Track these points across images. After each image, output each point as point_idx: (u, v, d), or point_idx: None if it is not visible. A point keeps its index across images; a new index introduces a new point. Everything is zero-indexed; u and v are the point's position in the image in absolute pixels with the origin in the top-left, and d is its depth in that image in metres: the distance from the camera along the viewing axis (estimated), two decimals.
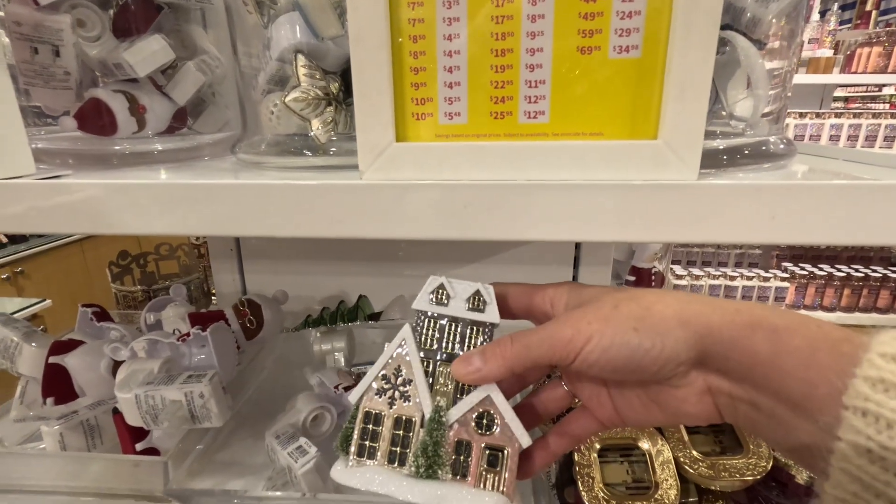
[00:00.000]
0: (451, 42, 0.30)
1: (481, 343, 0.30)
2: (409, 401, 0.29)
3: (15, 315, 1.70)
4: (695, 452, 0.40)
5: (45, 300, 1.88)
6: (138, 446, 0.44)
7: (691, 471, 0.39)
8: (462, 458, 0.28)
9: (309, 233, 0.32)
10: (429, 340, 0.30)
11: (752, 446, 0.40)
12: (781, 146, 0.37)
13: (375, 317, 0.58)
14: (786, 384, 0.22)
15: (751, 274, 2.34)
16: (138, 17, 0.48)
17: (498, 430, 0.28)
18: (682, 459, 0.39)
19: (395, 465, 0.28)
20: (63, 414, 0.46)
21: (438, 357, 0.30)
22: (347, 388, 0.48)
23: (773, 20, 0.38)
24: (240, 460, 0.50)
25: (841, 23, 2.61)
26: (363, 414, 0.29)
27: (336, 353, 0.56)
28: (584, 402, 0.30)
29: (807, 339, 0.22)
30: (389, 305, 0.59)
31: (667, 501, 0.37)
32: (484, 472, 0.28)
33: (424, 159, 0.31)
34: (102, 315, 0.59)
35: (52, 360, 0.47)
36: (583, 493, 0.37)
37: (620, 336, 0.25)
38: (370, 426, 0.29)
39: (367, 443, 0.29)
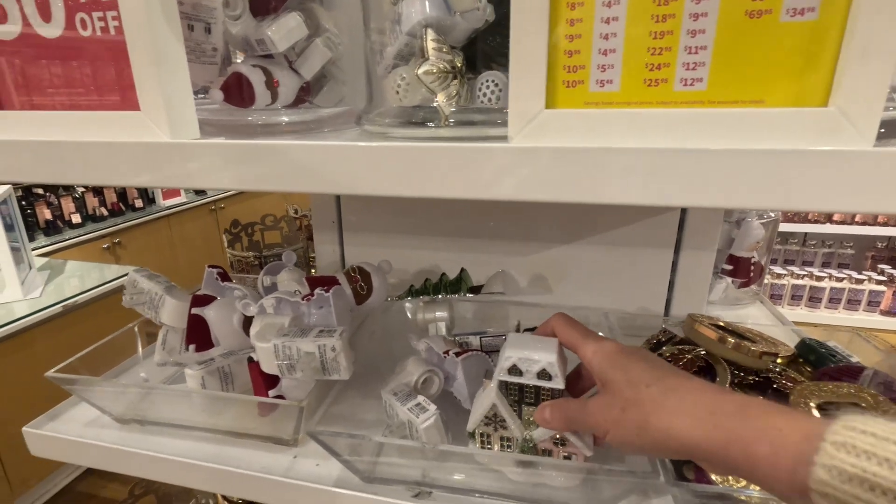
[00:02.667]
0: (609, 9, 0.30)
1: (550, 395, 0.41)
2: (507, 429, 0.43)
3: (115, 281, 1.84)
4: None
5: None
6: (271, 393, 0.48)
7: None
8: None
9: (461, 194, 0.33)
10: (515, 393, 0.42)
11: None
12: None
13: (476, 290, 0.59)
14: (760, 480, 0.28)
15: (841, 275, 2.16)
16: None
17: (569, 445, 0.41)
18: None
19: None
20: (201, 360, 0.51)
21: (523, 402, 0.42)
22: (458, 354, 0.49)
23: None
24: (352, 415, 0.54)
25: None
26: (479, 434, 0.44)
27: (439, 323, 0.58)
28: None
29: (772, 446, 0.27)
30: (491, 279, 0.61)
31: None
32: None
33: (575, 126, 0.32)
34: (224, 276, 0.64)
35: (194, 311, 0.52)
36: None
37: (628, 439, 0.33)
38: (485, 439, 0.44)
39: (486, 448, 0.44)
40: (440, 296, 0.59)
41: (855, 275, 2.17)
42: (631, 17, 0.30)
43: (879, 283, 2.12)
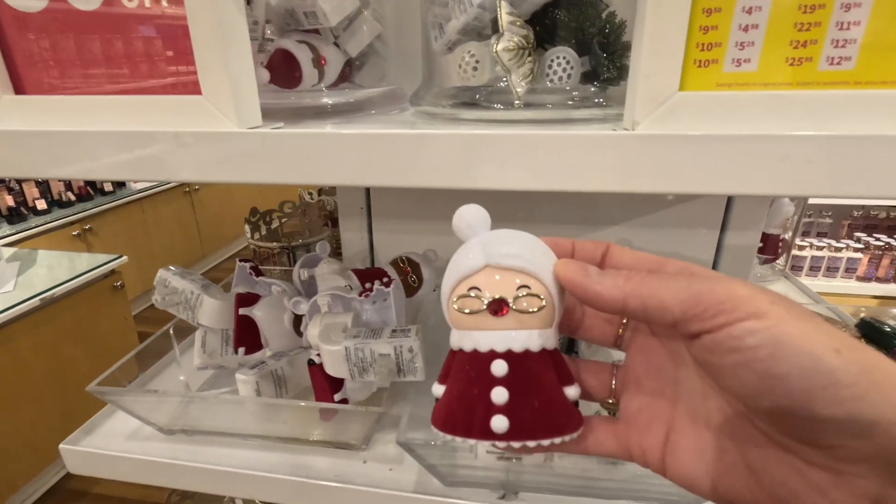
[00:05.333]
0: None
1: None
2: None
3: (95, 270, 1.75)
4: None
5: (121, 256, 1.95)
6: (336, 397, 0.45)
7: None
8: None
9: (574, 187, 0.30)
10: None
11: None
12: None
13: None
14: (874, 403, 0.16)
15: (821, 244, 2.24)
16: None
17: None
18: None
19: None
20: (254, 363, 0.48)
21: None
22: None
23: None
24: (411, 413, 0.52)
25: None
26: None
27: None
28: (627, 415, 0.23)
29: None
30: None
31: None
32: None
33: (709, 110, 0.29)
34: (257, 271, 0.60)
35: (242, 311, 0.48)
36: None
37: (813, 346, 0.17)
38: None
39: None
40: None
41: (834, 243, 2.24)
42: None
43: (856, 250, 2.20)
